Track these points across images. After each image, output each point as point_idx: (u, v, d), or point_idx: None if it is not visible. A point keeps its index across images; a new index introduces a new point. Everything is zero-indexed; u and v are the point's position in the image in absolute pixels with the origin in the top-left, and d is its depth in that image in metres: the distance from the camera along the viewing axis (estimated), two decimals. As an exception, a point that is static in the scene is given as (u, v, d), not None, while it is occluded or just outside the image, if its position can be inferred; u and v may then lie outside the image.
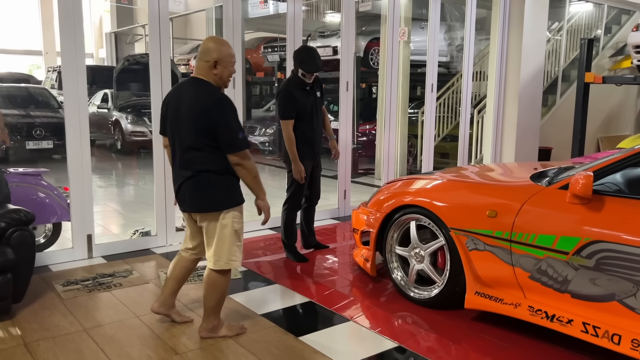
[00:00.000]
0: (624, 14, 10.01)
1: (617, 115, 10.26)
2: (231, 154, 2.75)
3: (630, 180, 2.91)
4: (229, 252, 2.87)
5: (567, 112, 8.81)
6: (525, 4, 7.01)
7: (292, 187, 4.37)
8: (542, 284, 2.83)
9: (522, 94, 7.26)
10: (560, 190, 2.82)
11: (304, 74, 4.17)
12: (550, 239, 2.76)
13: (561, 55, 9.24)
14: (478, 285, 3.15)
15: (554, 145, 8.66)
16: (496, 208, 3.03)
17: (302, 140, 4.24)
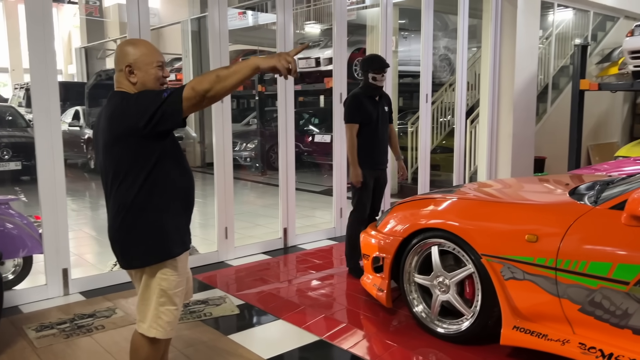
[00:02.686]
0: (609, 21, 9.96)
1: (604, 123, 10.17)
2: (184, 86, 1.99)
3: None
4: (154, 316, 2.18)
5: (558, 121, 8.65)
6: (518, 11, 6.81)
7: (355, 197, 4.34)
8: (596, 317, 2.49)
9: (516, 103, 7.04)
10: (613, 210, 2.49)
11: (375, 77, 4.16)
12: (606, 267, 2.42)
13: (551, 63, 9.10)
14: (517, 319, 2.80)
15: (547, 155, 8.47)
16: (537, 232, 2.68)
17: (363, 148, 4.20)
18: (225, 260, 4.87)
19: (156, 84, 2.17)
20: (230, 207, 4.89)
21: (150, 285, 2.18)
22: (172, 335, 2.25)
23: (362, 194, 4.29)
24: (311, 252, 5.19)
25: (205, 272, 4.54)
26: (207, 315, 3.62)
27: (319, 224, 6.05)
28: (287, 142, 5.26)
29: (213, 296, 3.98)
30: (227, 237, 4.89)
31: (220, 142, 4.80)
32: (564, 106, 8.21)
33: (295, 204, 5.40)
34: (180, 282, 2.23)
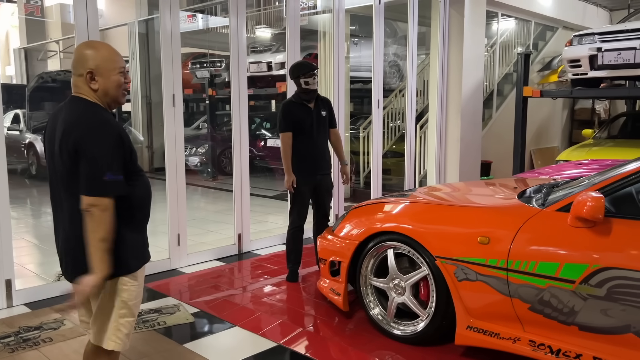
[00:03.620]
0: (549, 31, 10.43)
1: (545, 128, 10.62)
2: (86, 195, 1.91)
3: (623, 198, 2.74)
4: (114, 328, 2.09)
5: (502, 126, 8.97)
6: (465, 20, 7.03)
7: (292, 205, 4.35)
8: (545, 316, 2.59)
9: (464, 108, 7.25)
10: (560, 212, 2.61)
11: (306, 81, 4.13)
12: (553, 267, 2.53)
13: (495, 70, 9.43)
14: (470, 319, 2.88)
15: (493, 159, 8.77)
16: (488, 234, 2.77)
17: (298, 155, 4.21)
18: (177, 268, 4.77)
19: (118, 91, 2.08)
20: (183, 213, 4.80)
21: (111, 296, 2.09)
22: (128, 347, 2.19)
23: (295, 201, 4.30)
24: (266, 257, 5.15)
25: (157, 280, 4.43)
26: (161, 325, 3.53)
27: (273, 229, 6.02)
28: (241, 146, 5.21)
29: (166, 304, 3.88)
30: (179, 244, 4.79)
31: (172, 147, 4.70)
32: (508, 112, 8.53)
33: (249, 209, 5.36)
34: (140, 292, 2.17)
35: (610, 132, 8.18)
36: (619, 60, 6.23)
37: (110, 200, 1.93)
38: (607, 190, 2.51)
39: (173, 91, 4.64)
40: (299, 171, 4.21)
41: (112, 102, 2.10)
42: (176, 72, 4.66)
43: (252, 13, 11.52)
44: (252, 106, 13.80)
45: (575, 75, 6.78)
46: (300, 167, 4.21)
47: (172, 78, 4.63)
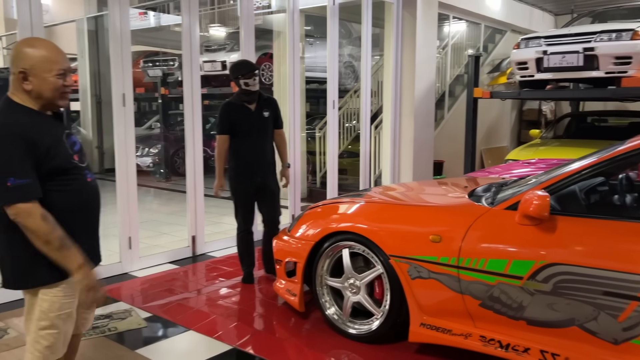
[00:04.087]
0: (498, 34, 10.74)
1: (495, 128, 10.94)
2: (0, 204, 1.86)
3: (584, 197, 2.85)
4: (32, 340, 2.00)
5: (454, 126, 9.18)
6: (417, 22, 7.15)
7: (235, 209, 4.27)
8: (495, 311, 2.67)
9: (417, 109, 7.38)
10: (508, 210, 2.69)
11: (246, 82, 4.02)
12: (502, 264, 2.60)
13: (447, 72, 9.63)
14: (423, 316, 2.93)
15: (445, 158, 8.96)
16: (440, 232, 2.83)
17: (237, 158, 4.14)
18: (129, 272, 4.64)
19: (54, 94, 1.95)
20: (134, 216, 4.68)
21: (30, 308, 2.00)
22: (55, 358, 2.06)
23: (237, 205, 4.22)
24: (221, 259, 5.09)
25: (108, 284, 4.30)
26: (112, 330, 3.43)
27: (229, 230, 5.94)
28: (195, 146, 5.13)
29: (117, 310, 3.78)
30: (130, 247, 4.67)
31: (122, 147, 4.58)
32: (460, 112, 8.73)
33: (204, 211, 5.28)
34: (67, 303, 2.02)
35: (556, 132, 8.50)
36: (564, 63, 6.48)
37: (32, 205, 1.84)
38: (552, 188, 2.61)
39: (123, 90, 4.51)
40: (237, 174, 4.14)
41: (48, 105, 1.98)
42: (126, 70, 4.53)
43: (206, 11, 11.35)
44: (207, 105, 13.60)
45: (522, 77, 7.00)
46: (238, 169, 4.13)
47: (122, 77, 4.51)
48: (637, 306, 2.26)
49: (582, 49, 6.30)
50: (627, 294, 2.29)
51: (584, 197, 2.92)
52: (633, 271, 2.27)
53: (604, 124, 8.87)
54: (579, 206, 2.75)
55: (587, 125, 8.69)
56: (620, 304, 2.31)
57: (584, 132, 8.20)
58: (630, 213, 2.88)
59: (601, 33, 6.29)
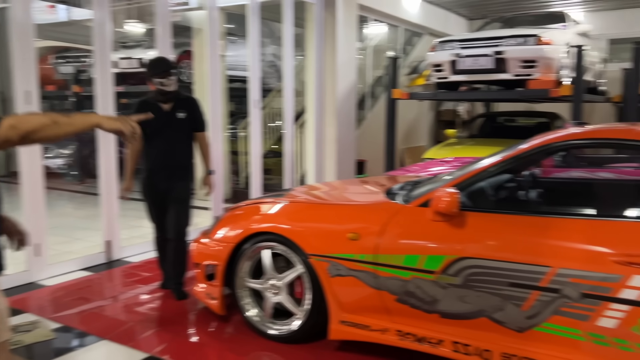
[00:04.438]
0: (415, 36, 11.09)
1: (414, 128, 11.29)
2: None
3: (493, 193, 2.99)
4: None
5: (376, 127, 9.38)
6: (338, 23, 7.25)
7: (148, 213, 4.07)
8: (410, 306, 2.74)
9: (339, 109, 7.48)
10: (421, 207, 2.77)
11: (161, 82, 3.80)
12: (416, 259, 2.68)
13: (367, 73, 9.83)
14: (343, 314, 2.96)
15: (367, 157, 9.13)
16: (358, 230, 2.87)
17: (147, 161, 3.93)
18: (37, 281, 4.36)
19: None
20: (42, 221, 4.40)
21: None
22: None
23: (148, 208, 4.01)
24: (139, 264, 4.90)
25: (13, 295, 4.02)
26: (18, 344, 3.20)
27: (147, 234, 5.72)
28: (109, 146, 4.91)
29: (23, 322, 3.53)
30: (38, 254, 4.38)
31: (27, 148, 4.29)
32: (381, 113, 8.93)
33: (119, 214, 5.06)
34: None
35: (471, 132, 8.90)
36: (476, 66, 6.80)
37: None
38: (461, 186, 2.72)
39: (27, 87, 4.23)
40: (145, 177, 3.93)
41: None
42: (30, 66, 4.25)
43: (122, 6, 10.89)
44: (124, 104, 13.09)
45: (438, 79, 7.30)
46: (146, 172, 3.93)
47: (26, 73, 4.22)
48: (539, 295, 2.41)
49: (492, 52, 6.65)
50: (530, 284, 2.43)
51: (493, 193, 3.08)
52: (535, 262, 2.41)
53: (514, 124, 9.37)
54: (487, 202, 2.89)
55: (499, 125, 9.15)
56: (523, 294, 2.44)
57: (496, 132, 8.62)
58: (534, 208, 3.06)
59: (509, 38, 6.67)
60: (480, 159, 3.04)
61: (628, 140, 2.70)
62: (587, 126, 3.12)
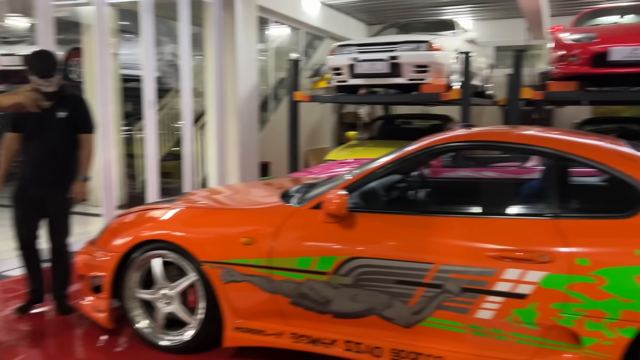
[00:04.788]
0: (317, 40, 11.24)
1: (318, 130, 11.45)
2: None
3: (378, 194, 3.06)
4: None
5: (279, 128, 9.39)
6: (237, 24, 7.16)
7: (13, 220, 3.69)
8: (304, 308, 2.75)
9: (241, 111, 7.40)
10: (313, 210, 2.79)
11: (39, 84, 3.41)
12: (309, 261, 2.70)
13: (270, 75, 9.81)
14: (237, 320, 2.91)
15: (271, 159, 9.12)
16: (252, 234, 2.84)
17: (22, 162, 3.62)
18: None
19: None
20: None
21: None
22: None
23: (15, 214, 3.64)
24: (20, 279, 4.51)
25: None
26: None
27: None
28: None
29: None
30: None
31: None
32: (284, 115, 8.96)
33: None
34: None
35: (371, 134, 9.17)
36: (372, 70, 7.00)
37: None
38: (351, 187, 2.77)
39: None
40: (18, 180, 3.61)
41: None
42: None
43: None
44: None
45: (338, 82, 7.44)
46: (21, 174, 3.61)
47: None
48: (424, 291, 2.51)
49: (387, 57, 6.88)
50: (415, 281, 2.52)
51: (382, 194, 3.17)
52: (419, 260, 2.51)
53: (411, 126, 9.78)
54: (376, 203, 2.98)
55: (397, 127, 9.51)
56: (409, 290, 2.54)
57: (395, 133, 8.94)
58: (420, 207, 3.20)
59: (403, 43, 6.94)
60: (369, 161, 3.12)
61: (505, 142, 2.89)
62: (474, 128, 3.31)
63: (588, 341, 2.24)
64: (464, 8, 11.00)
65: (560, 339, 2.32)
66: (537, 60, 11.26)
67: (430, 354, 2.53)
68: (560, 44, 6.17)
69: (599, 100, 8.37)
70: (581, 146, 2.57)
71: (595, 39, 5.94)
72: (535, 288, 2.31)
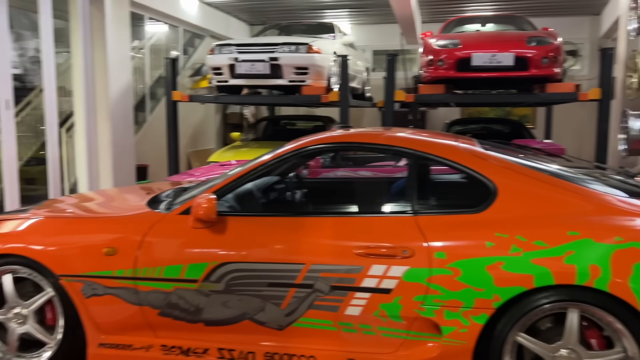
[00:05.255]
0: (197, 38, 10.94)
1: (201, 131, 11.15)
2: None
3: (245, 197, 3.01)
4: None
5: (158, 129, 9.00)
6: (106, 19, 6.75)
7: None
8: (174, 318, 2.64)
9: (113, 111, 6.98)
10: (182, 215, 2.68)
11: None
12: (178, 269, 2.59)
13: (146, 73, 9.37)
14: (102, 336, 2.72)
15: (150, 162, 8.72)
16: (115, 244, 2.66)
17: None
18: None
19: None
20: None
21: None
22: None
23: None
24: None
25: None
26: None
27: None
28: None
29: None
30: None
31: None
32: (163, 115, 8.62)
33: None
34: None
35: (256, 135, 9.11)
36: (253, 71, 6.95)
37: None
38: (221, 191, 2.71)
39: None
40: None
41: None
42: None
43: None
44: None
45: (218, 82, 7.28)
46: None
47: None
48: (295, 292, 2.51)
49: (268, 58, 6.86)
50: (287, 283, 2.52)
51: (259, 196, 3.14)
52: (290, 261, 2.51)
53: (295, 127, 9.86)
54: (249, 206, 2.94)
55: (281, 128, 9.54)
56: (282, 292, 2.53)
57: (279, 134, 8.96)
58: (294, 209, 3.21)
59: (283, 45, 6.96)
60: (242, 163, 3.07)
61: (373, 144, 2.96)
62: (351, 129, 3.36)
63: (447, 330, 2.38)
64: (343, 12, 11.32)
65: (423, 330, 2.44)
66: (412, 64, 11.92)
67: (303, 354, 2.54)
68: (429, 49, 6.55)
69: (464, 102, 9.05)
70: (438, 146, 2.72)
71: (460, 45, 6.39)
72: (398, 282, 2.40)
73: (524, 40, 6.22)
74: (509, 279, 2.29)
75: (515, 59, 6.10)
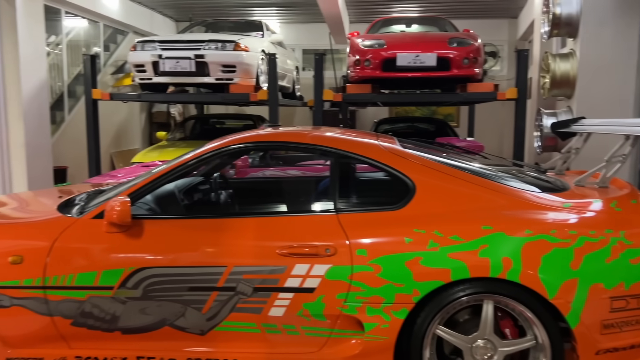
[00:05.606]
0: (120, 34, 10.51)
1: (125, 130, 10.74)
2: None
3: (166, 199, 2.91)
4: None
5: (78, 129, 8.58)
6: (18, 14, 6.34)
7: None
8: (89, 327, 2.50)
9: (27, 110, 6.57)
10: (95, 219, 2.55)
11: None
12: (92, 277, 2.46)
13: (64, 70, 8.90)
14: (9, 350, 2.54)
15: (69, 164, 8.29)
16: (21, 252, 2.49)
17: None
18: None
19: None
20: None
21: None
22: None
23: None
24: None
25: None
26: None
27: None
28: None
29: None
30: None
31: None
32: (83, 114, 8.21)
33: None
34: None
35: (184, 134, 8.87)
36: (177, 68, 6.75)
37: None
38: (137, 193, 2.59)
39: None
40: None
41: None
42: None
43: None
44: None
45: (141, 80, 7.02)
46: None
47: None
48: (217, 295, 2.45)
49: (193, 55, 6.69)
50: (208, 286, 2.45)
51: (181, 197, 3.04)
52: (211, 264, 2.45)
53: (224, 126, 9.71)
54: (168, 208, 2.84)
55: (210, 127, 9.36)
56: (203, 296, 2.46)
57: (207, 134, 8.77)
58: (216, 210, 3.13)
59: (209, 42, 6.81)
60: (160, 165, 2.96)
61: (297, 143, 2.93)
62: (280, 128, 3.31)
63: (369, 326, 2.40)
64: (271, 10, 11.25)
65: (346, 327, 2.45)
66: (341, 64, 12.05)
67: (226, 359, 2.48)
68: (356, 49, 6.63)
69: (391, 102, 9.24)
70: (360, 145, 2.74)
71: (385, 45, 6.51)
72: (321, 281, 2.40)
73: (446, 42, 6.42)
74: (427, 273, 2.35)
75: (438, 60, 6.28)
